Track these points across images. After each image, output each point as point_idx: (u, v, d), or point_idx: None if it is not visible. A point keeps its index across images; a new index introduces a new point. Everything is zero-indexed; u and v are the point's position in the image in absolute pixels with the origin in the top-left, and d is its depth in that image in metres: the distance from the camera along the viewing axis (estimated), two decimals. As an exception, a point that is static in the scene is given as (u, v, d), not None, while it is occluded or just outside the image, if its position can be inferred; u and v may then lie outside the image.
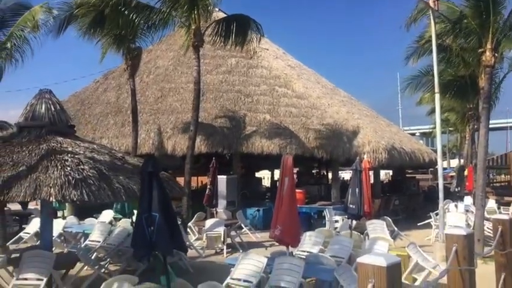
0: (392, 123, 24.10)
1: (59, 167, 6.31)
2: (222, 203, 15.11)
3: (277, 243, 7.76)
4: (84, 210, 15.29)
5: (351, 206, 9.04)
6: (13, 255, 7.81)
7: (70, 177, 6.17)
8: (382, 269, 2.67)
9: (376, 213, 13.14)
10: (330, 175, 25.56)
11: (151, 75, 20.28)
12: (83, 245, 10.23)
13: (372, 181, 16.49)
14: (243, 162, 17.91)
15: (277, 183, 17.28)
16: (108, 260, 9.60)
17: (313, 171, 26.52)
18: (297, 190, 17.10)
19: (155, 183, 5.23)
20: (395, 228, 11.51)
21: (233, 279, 6.67)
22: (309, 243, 8.63)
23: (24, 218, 15.30)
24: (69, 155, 6.73)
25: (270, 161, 18.68)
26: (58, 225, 11.31)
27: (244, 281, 6.59)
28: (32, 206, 17.56)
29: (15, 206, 15.24)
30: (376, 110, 24.70)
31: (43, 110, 7.53)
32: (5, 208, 14.83)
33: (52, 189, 5.97)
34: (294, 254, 8.50)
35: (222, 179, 15.80)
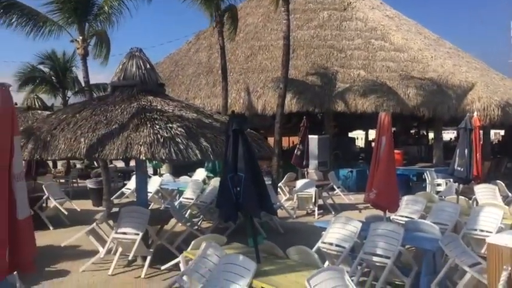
0: (506, 77, 21.45)
1: (149, 126, 6.31)
2: (313, 164, 14.71)
3: (372, 207, 7.20)
4: (179, 169, 15.90)
5: (459, 168, 8.07)
6: (113, 210, 8.18)
7: (159, 136, 6.15)
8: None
9: (486, 177, 11.82)
10: (430, 135, 23.83)
11: (241, 34, 19.96)
12: (177, 202, 10.54)
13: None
14: (336, 121, 17.19)
15: (373, 143, 16.37)
16: (201, 217, 9.79)
17: (411, 131, 24.90)
18: (394, 151, 16.32)
19: (241, 142, 4.95)
20: (510, 194, 10.25)
21: (324, 243, 6.30)
22: (408, 208, 7.94)
23: (127, 174, 16.33)
24: (158, 113, 6.71)
25: (365, 120, 17.75)
26: (155, 182, 11.81)
27: (337, 245, 6.20)
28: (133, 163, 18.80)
29: (120, 164, 16.31)
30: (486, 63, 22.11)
31: (134, 69, 7.58)
32: (110, 165, 15.98)
33: (142, 147, 6.00)
34: (391, 219, 7.93)
35: (313, 138, 15.31)
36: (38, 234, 8.58)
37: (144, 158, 6.02)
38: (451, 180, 10.24)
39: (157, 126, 6.30)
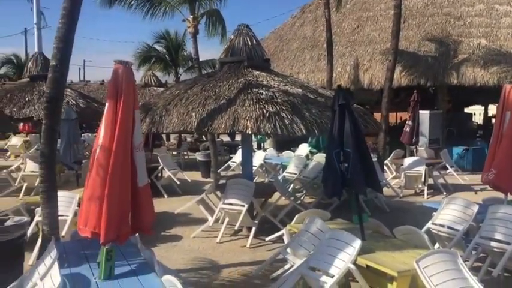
0: None
1: (255, 100, 6.44)
2: (423, 141, 13.89)
3: (490, 189, 6.60)
4: (283, 144, 16.08)
5: None
6: (220, 182, 8.59)
7: (264, 111, 6.25)
8: None
9: None
10: None
11: (348, 5, 19.24)
12: (280, 177, 10.72)
13: None
14: (450, 95, 15.92)
15: (493, 119, 14.90)
16: (304, 192, 9.86)
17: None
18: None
19: (347, 117, 4.83)
20: None
21: (435, 224, 5.97)
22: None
23: (233, 148, 16.98)
24: (264, 88, 6.80)
25: (484, 94, 16.15)
26: (260, 157, 12.12)
27: (449, 227, 5.83)
28: (239, 138, 19.46)
29: (226, 138, 17.01)
30: None
31: (241, 45, 7.76)
32: (218, 139, 16.73)
33: (248, 121, 6.15)
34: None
35: (424, 114, 14.41)
36: (154, 202, 9.33)
37: (250, 132, 6.17)
38: None
39: (263, 101, 6.39)
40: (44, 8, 37.29)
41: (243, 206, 7.17)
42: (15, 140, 18.50)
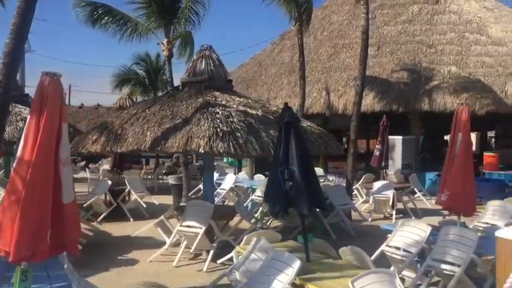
0: None
1: (210, 119, 6.38)
2: (395, 166, 13.93)
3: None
4: (262, 168, 15.92)
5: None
6: (181, 204, 8.44)
7: (218, 130, 6.19)
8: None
9: None
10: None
11: (325, 32, 19.63)
12: (249, 200, 10.58)
13: None
14: (426, 122, 16.07)
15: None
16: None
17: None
18: (488, 153, 14.87)
19: (293, 135, 4.78)
20: None
21: (390, 246, 5.87)
22: (493, 214, 7.12)
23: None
24: (221, 107, 6.76)
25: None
26: (230, 180, 12.00)
27: (404, 250, 5.74)
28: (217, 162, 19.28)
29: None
30: None
31: (203, 66, 7.75)
32: (196, 163, 16.56)
33: (201, 140, 6.08)
34: (473, 226, 7.19)
35: (397, 139, 14.54)
36: (118, 225, 9.08)
37: (202, 151, 6.09)
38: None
39: (218, 120, 6.34)
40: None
41: (201, 228, 7.01)
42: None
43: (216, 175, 13.51)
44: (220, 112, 6.57)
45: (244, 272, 4.73)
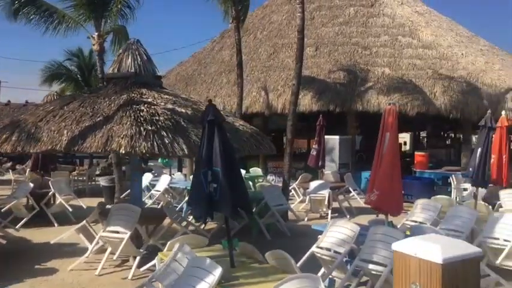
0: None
1: (133, 118, 5.98)
2: (332, 165, 14.08)
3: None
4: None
5: (471, 169, 7.36)
6: (107, 207, 7.93)
7: (142, 129, 5.80)
8: (435, 268, 1.43)
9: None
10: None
11: (265, 32, 19.58)
12: (184, 201, 10.21)
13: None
14: (363, 122, 16.39)
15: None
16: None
17: (446, 133, 23.69)
18: (418, 153, 15.42)
19: (216, 134, 4.52)
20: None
21: (320, 248, 5.77)
22: (421, 212, 7.28)
23: (146, 172, 16.14)
24: (146, 105, 6.37)
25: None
26: (165, 181, 11.54)
27: (334, 251, 5.66)
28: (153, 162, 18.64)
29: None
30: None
31: (129, 61, 7.31)
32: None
33: (122, 140, 5.67)
34: (402, 224, 7.30)
35: (334, 139, 14.72)
36: (41, 231, 8.35)
37: (123, 152, 5.68)
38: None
39: (142, 119, 5.96)
40: None
41: (126, 233, 6.58)
42: None
43: (150, 176, 13.01)
44: (145, 110, 6.18)
45: (165, 281, 4.40)
